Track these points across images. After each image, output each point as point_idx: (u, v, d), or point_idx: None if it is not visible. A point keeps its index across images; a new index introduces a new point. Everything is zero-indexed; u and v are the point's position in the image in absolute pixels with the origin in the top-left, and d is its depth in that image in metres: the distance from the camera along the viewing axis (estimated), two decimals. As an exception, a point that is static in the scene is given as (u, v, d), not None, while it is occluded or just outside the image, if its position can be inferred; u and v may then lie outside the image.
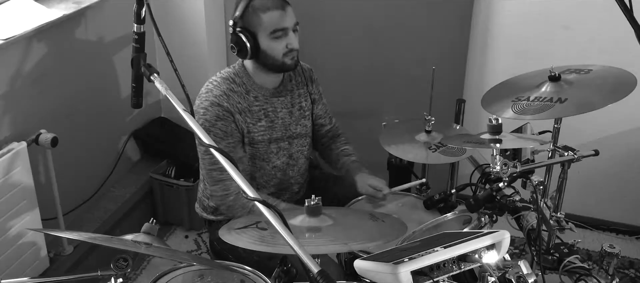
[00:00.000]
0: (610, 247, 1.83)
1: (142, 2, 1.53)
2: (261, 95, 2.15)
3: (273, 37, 2.03)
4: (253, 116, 2.13)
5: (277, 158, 2.22)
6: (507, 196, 1.84)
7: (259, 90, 2.15)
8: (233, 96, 2.09)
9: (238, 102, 2.10)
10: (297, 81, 2.26)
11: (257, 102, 2.14)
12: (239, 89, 2.11)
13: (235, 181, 1.27)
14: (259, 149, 2.17)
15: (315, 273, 1.11)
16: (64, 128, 2.60)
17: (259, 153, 2.18)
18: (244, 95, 2.11)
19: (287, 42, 2.05)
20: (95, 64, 2.85)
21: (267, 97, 2.16)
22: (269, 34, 2.02)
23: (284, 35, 2.04)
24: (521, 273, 1.46)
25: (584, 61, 2.73)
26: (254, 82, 2.14)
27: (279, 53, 2.05)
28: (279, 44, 2.04)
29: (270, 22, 2.01)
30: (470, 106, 2.66)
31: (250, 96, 2.13)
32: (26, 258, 2.40)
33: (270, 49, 2.05)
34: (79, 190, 2.83)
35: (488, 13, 2.93)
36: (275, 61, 2.07)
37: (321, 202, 1.67)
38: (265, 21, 2.01)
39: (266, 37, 2.03)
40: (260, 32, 2.03)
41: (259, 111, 2.14)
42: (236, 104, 2.09)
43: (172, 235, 3.13)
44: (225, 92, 2.08)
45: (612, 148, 2.99)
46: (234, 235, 1.61)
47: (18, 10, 2.50)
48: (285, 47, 2.05)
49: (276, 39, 2.03)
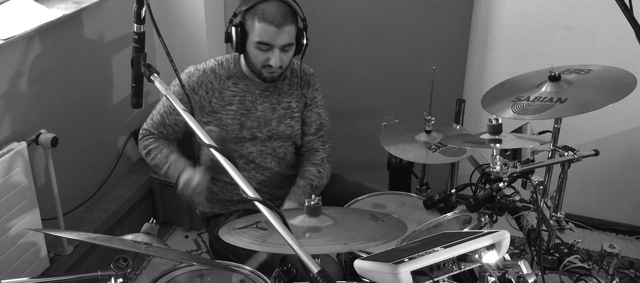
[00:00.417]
0: (610, 247, 1.83)
1: (142, 2, 1.53)
2: (243, 84, 2.18)
3: (257, 46, 2.06)
4: (223, 99, 2.17)
5: (253, 146, 2.22)
6: (507, 196, 1.84)
7: (244, 79, 2.18)
8: (209, 75, 2.17)
9: (211, 81, 2.16)
10: (291, 82, 2.26)
11: (234, 87, 2.18)
12: (220, 71, 2.18)
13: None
14: (229, 132, 2.19)
15: (315, 273, 1.11)
16: (64, 128, 2.60)
17: (229, 137, 2.20)
18: (223, 79, 2.17)
19: (268, 56, 2.07)
20: (95, 64, 2.85)
21: (249, 87, 2.19)
22: (255, 42, 2.05)
23: (268, 50, 2.06)
24: (521, 273, 1.47)
25: (584, 61, 2.74)
26: (242, 72, 2.18)
27: (259, 63, 2.09)
28: (261, 55, 2.07)
29: (259, 32, 2.03)
30: (470, 106, 2.67)
31: (229, 81, 2.18)
32: (26, 258, 2.40)
33: (253, 56, 2.09)
34: (79, 190, 2.83)
35: (488, 13, 2.93)
36: (254, 68, 2.12)
37: (321, 202, 1.67)
38: (256, 29, 2.04)
39: (252, 43, 2.06)
40: (250, 36, 2.06)
41: (232, 97, 2.17)
42: (207, 83, 2.16)
43: (172, 235, 3.13)
44: (204, 70, 2.18)
45: (612, 148, 2.99)
46: (234, 235, 1.61)
47: (18, 10, 2.50)
48: (265, 61, 2.08)
49: (260, 50, 2.06)
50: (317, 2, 3.05)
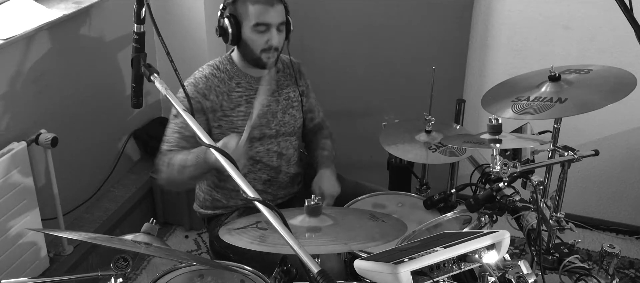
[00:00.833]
0: (610, 247, 1.83)
1: (142, 2, 1.53)
2: (245, 82, 2.18)
3: (255, 30, 2.06)
4: (232, 101, 2.16)
5: (261, 145, 2.22)
6: (507, 196, 1.84)
7: (243, 77, 2.18)
8: (212, 80, 2.14)
9: (217, 85, 2.14)
10: (285, 74, 2.28)
11: (239, 88, 2.17)
12: (221, 74, 2.16)
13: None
14: (240, 134, 2.16)
15: (315, 273, 1.11)
16: (64, 128, 2.60)
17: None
18: (226, 81, 2.16)
19: (268, 37, 2.08)
20: (95, 64, 2.85)
21: (251, 84, 2.19)
22: (252, 26, 2.06)
23: (266, 30, 2.07)
24: (521, 273, 1.46)
25: (584, 61, 2.74)
26: (239, 70, 2.18)
27: (258, 47, 2.09)
28: (260, 38, 2.07)
29: (255, 14, 2.05)
30: (470, 106, 2.66)
31: (233, 82, 2.17)
32: (26, 258, 2.40)
33: (251, 41, 2.08)
34: (79, 190, 2.83)
35: (488, 13, 2.93)
36: (253, 54, 2.11)
37: (321, 202, 1.67)
38: (251, 12, 2.05)
39: (249, 28, 2.06)
40: (245, 22, 2.06)
41: (239, 97, 2.17)
42: (215, 87, 2.13)
43: (172, 235, 3.13)
44: (206, 75, 2.15)
45: (612, 148, 2.99)
46: (234, 235, 1.61)
47: (18, 10, 2.50)
48: (265, 43, 2.08)
49: (258, 32, 2.07)
50: (317, 2, 3.05)
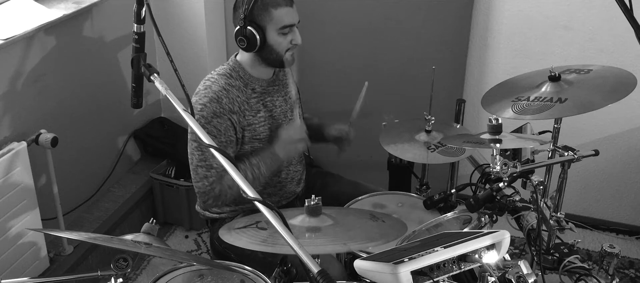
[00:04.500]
0: (610, 247, 1.83)
1: (142, 2, 1.54)
2: (258, 86, 2.18)
3: (281, 32, 2.07)
4: (252, 108, 2.15)
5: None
6: (507, 196, 1.84)
7: (256, 82, 2.18)
8: (232, 91, 2.10)
9: (237, 96, 2.11)
10: (284, 70, 2.29)
11: (255, 94, 2.17)
12: (236, 83, 2.13)
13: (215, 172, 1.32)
14: (260, 146, 2.16)
15: (315, 273, 1.11)
16: (64, 128, 2.60)
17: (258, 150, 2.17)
18: (242, 88, 2.14)
19: (292, 37, 2.10)
20: (95, 64, 2.85)
21: (264, 88, 2.19)
22: (278, 30, 2.06)
23: (289, 32, 2.09)
24: (521, 273, 1.46)
25: (584, 61, 2.74)
26: (250, 75, 2.17)
27: (283, 48, 2.10)
28: (284, 40, 2.09)
29: (281, 18, 2.05)
30: (470, 106, 2.66)
31: (248, 88, 2.16)
32: (26, 258, 2.40)
33: (277, 44, 2.09)
34: (79, 190, 2.83)
35: (488, 13, 2.93)
36: (278, 56, 2.11)
37: (321, 202, 1.67)
38: (276, 17, 2.05)
39: (274, 32, 2.07)
40: (270, 27, 2.06)
41: (257, 103, 2.16)
42: (235, 98, 2.10)
43: (172, 235, 3.13)
44: (224, 87, 2.09)
45: (612, 148, 2.99)
46: (234, 235, 1.61)
47: (18, 10, 2.50)
48: (290, 43, 2.10)
49: (283, 35, 2.08)
50: (317, 2, 3.05)
